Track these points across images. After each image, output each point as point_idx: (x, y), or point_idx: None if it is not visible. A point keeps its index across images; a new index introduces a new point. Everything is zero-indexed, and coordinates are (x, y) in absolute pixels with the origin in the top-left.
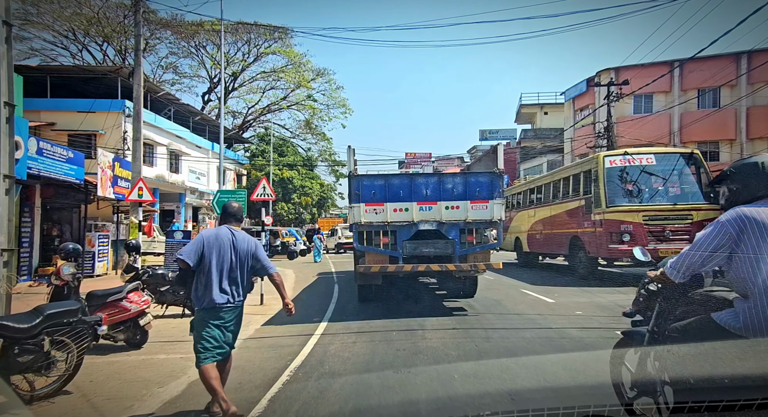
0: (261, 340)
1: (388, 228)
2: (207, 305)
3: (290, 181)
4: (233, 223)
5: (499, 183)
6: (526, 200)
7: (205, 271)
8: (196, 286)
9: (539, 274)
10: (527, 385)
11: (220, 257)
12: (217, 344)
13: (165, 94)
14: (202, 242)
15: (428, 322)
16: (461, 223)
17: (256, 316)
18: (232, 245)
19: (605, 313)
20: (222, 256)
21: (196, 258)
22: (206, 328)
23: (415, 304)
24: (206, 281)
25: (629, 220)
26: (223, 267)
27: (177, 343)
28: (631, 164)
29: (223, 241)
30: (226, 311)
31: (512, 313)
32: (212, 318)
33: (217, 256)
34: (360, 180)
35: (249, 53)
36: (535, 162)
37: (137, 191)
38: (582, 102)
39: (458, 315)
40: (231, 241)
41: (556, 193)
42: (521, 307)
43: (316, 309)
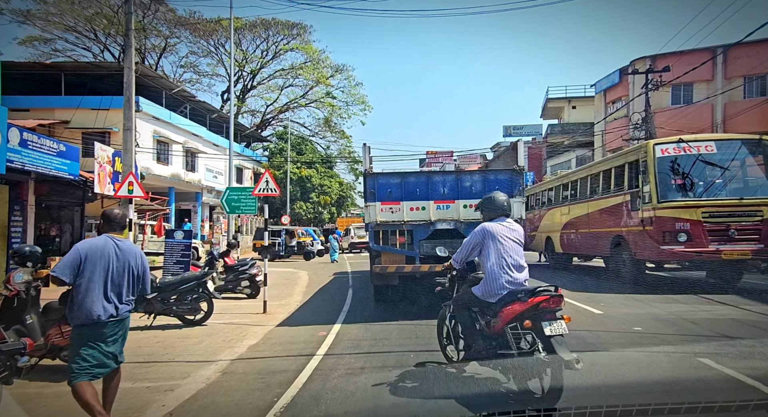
0: (251, 363)
1: (404, 227)
2: (86, 321)
3: (309, 179)
4: (116, 232)
5: (519, 181)
6: (559, 197)
7: (84, 285)
8: (71, 301)
9: (575, 278)
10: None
11: (101, 270)
12: (96, 362)
13: (180, 90)
14: (79, 256)
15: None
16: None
17: (255, 327)
18: (115, 256)
19: (671, 329)
20: (104, 268)
21: (72, 273)
22: (84, 347)
23: (434, 310)
24: (84, 296)
25: (686, 218)
26: (107, 279)
27: (153, 365)
28: (687, 153)
29: (104, 252)
30: (109, 326)
31: None
32: (92, 335)
33: (99, 268)
34: (376, 178)
35: (267, 50)
36: (562, 158)
37: (127, 186)
38: (614, 94)
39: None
40: (114, 252)
41: (595, 188)
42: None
43: (324, 318)
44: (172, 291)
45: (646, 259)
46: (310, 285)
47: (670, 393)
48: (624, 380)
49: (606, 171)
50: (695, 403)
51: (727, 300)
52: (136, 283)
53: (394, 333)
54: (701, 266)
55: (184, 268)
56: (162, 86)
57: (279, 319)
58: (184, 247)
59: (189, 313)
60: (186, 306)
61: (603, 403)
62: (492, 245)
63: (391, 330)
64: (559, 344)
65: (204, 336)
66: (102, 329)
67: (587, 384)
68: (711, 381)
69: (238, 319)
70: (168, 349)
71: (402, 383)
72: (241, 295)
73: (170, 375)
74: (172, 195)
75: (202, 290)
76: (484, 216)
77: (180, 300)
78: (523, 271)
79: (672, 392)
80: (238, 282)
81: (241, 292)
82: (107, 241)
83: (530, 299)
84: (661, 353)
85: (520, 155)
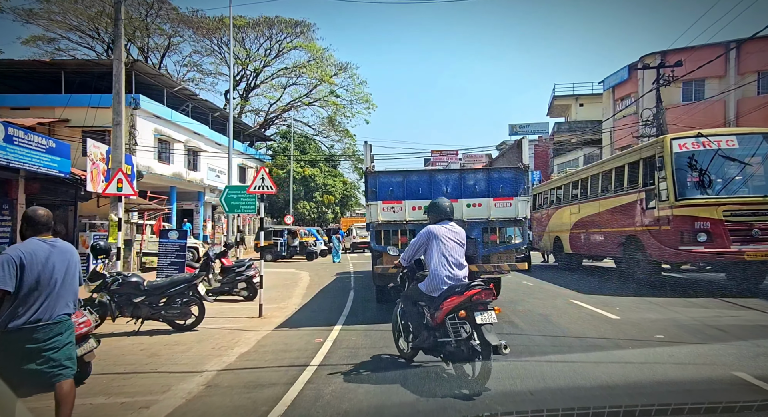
0: (238, 375)
1: (406, 227)
2: (24, 324)
3: (312, 179)
4: (44, 233)
5: (523, 179)
6: (568, 195)
7: (24, 290)
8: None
9: (586, 280)
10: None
11: (39, 273)
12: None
13: (182, 88)
14: (14, 262)
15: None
16: (483, 222)
17: (248, 333)
18: (51, 257)
19: (696, 337)
20: (42, 271)
21: (14, 282)
22: (16, 355)
23: None
24: (23, 301)
25: (706, 217)
26: (48, 282)
27: (132, 377)
28: (707, 148)
29: (39, 255)
30: (45, 330)
31: (569, 335)
32: (28, 340)
33: (37, 272)
34: (377, 177)
35: (271, 49)
36: (570, 156)
37: (116, 184)
38: (623, 91)
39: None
40: (49, 253)
41: (607, 185)
42: (579, 327)
43: (323, 321)
44: (161, 294)
45: (662, 260)
46: (311, 286)
47: (673, 393)
48: (628, 381)
49: (619, 168)
50: (698, 403)
51: (751, 304)
52: (72, 281)
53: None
54: (720, 267)
55: (178, 270)
56: (163, 84)
57: (275, 323)
58: (178, 248)
59: (179, 318)
60: (175, 310)
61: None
62: (435, 245)
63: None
64: (488, 331)
65: (193, 342)
66: (34, 334)
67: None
68: (721, 382)
69: (232, 323)
70: (152, 358)
71: (401, 400)
72: (238, 298)
73: (149, 388)
74: (173, 194)
75: (193, 293)
76: (429, 219)
77: (169, 304)
78: (463, 268)
79: (677, 393)
80: (235, 284)
81: (237, 294)
82: (39, 243)
83: (465, 292)
84: (691, 365)
85: (525, 153)
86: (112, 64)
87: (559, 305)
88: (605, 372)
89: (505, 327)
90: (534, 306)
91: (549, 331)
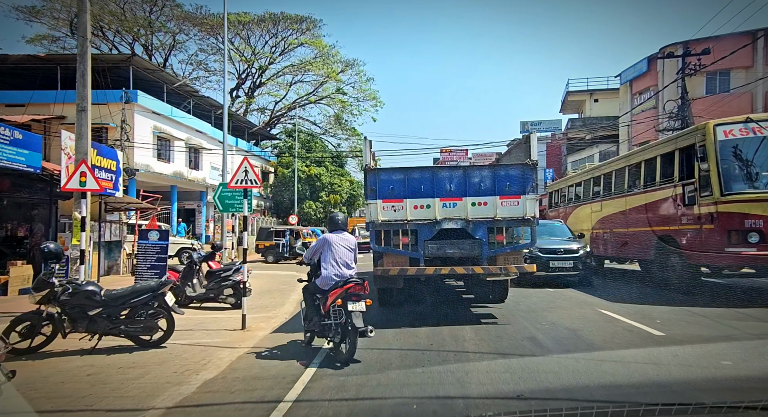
0: (189, 415)
1: (407, 227)
2: None
3: (318, 178)
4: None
5: (531, 176)
6: (588, 192)
7: None
8: None
9: (613, 286)
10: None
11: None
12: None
13: (182, 84)
14: None
15: (473, 377)
16: (489, 221)
17: (223, 351)
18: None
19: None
20: None
21: None
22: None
23: (444, 319)
24: None
25: (758, 214)
26: None
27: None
28: (757, 134)
29: None
30: None
31: (609, 359)
32: None
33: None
34: (377, 174)
35: (276, 46)
36: (584, 153)
37: (78, 177)
38: (641, 84)
39: (516, 357)
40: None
41: (634, 180)
42: (617, 346)
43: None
44: (122, 306)
45: (703, 264)
46: None
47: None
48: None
49: (649, 160)
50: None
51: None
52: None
53: (395, 361)
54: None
55: (159, 274)
56: (163, 80)
57: (258, 337)
58: (159, 250)
59: (144, 333)
60: (138, 324)
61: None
62: (328, 249)
63: (391, 358)
64: (357, 317)
65: (154, 364)
66: None
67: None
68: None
69: (208, 337)
70: (95, 388)
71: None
72: (225, 305)
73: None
74: (174, 194)
75: (159, 304)
76: (327, 228)
77: (132, 317)
78: (351, 268)
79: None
80: (221, 290)
81: (224, 301)
82: None
83: (344, 286)
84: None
85: (534, 149)
86: (110, 58)
87: (588, 316)
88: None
89: (525, 345)
90: (559, 317)
91: (581, 352)
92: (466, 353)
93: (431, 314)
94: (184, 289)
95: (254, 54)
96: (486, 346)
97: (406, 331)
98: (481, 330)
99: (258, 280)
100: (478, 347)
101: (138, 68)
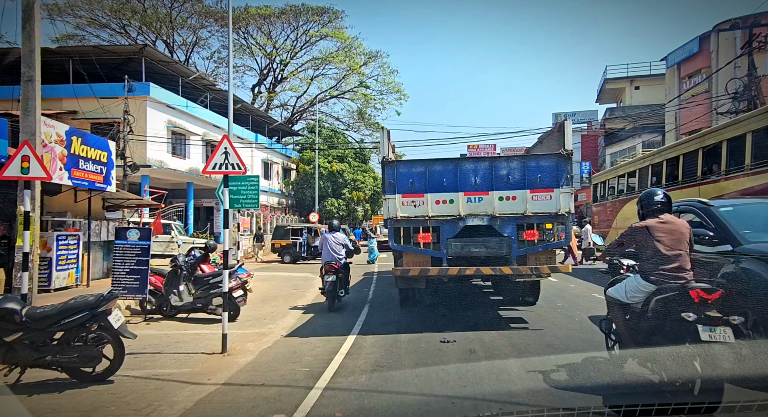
0: None
1: (429, 223)
2: None
3: (341, 174)
4: None
5: (566, 167)
6: (646, 181)
7: None
8: None
9: None
10: None
11: None
12: None
13: (198, 77)
14: None
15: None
16: (519, 217)
17: (184, 389)
18: None
19: None
20: None
21: None
22: None
23: (470, 324)
24: None
25: None
26: None
27: None
28: None
29: None
30: None
31: None
32: None
33: None
34: (395, 167)
35: (297, 39)
36: (625, 144)
37: (20, 162)
38: (691, 66)
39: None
40: None
41: (713, 164)
42: None
43: (306, 365)
44: (49, 329)
45: None
46: (320, 297)
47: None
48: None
49: (736, 138)
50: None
51: None
52: None
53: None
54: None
55: (140, 280)
56: (178, 72)
57: (237, 365)
58: (139, 252)
59: (84, 364)
60: (72, 353)
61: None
62: (325, 243)
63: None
64: (332, 283)
65: (78, 414)
66: None
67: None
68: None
69: (175, 365)
70: None
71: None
72: (216, 317)
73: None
74: (191, 191)
75: (99, 326)
76: (327, 229)
77: (68, 343)
78: (339, 254)
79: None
80: (209, 299)
81: (213, 312)
82: None
83: (325, 265)
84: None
85: (568, 137)
86: (122, 51)
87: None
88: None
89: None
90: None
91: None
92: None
93: (455, 318)
94: (169, 297)
95: (276, 48)
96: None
97: (429, 338)
98: (514, 338)
99: (265, 284)
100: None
101: (151, 60)
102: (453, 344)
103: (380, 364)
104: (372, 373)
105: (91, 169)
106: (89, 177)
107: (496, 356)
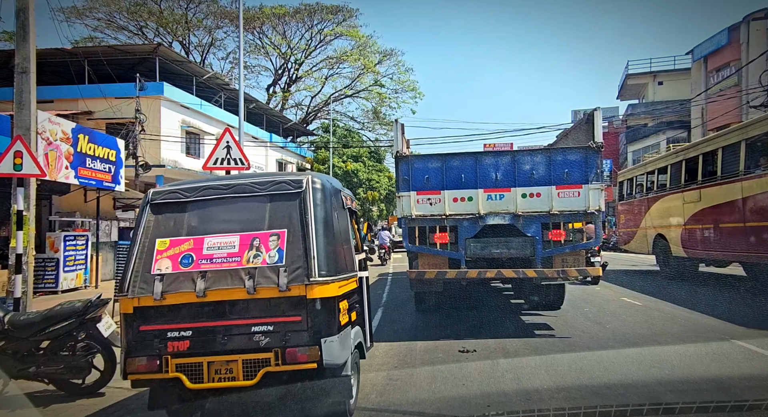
0: None
1: (446, 222)
2: None
3: (355, 174)
4: None
5: (595, 161)
6: (677, 179)
7: None
8: None
9: (734, 299)
10: None
11: None
12: None
13: (212, 77)
14: None
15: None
16: (544, 216)
17: None
18: None
19: None
20: None
21: None
22: None
23: (490, 331)
24: None
25: None
26: None
27: None
28: None
29: None
30: None
31: None
32: None
33: None
34: (410, 162)
35: (312, 39)
36: (648, 141)
37: (12, 158)
38: (719, 60)
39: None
40: None
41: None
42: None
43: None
44: (34, 337)
45: None
46: None
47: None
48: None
49: None
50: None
51: None
52: None
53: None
54: None
55: None
56: (191, 72)
57: None
58: None
59: (72, 375)
60: (58, 363)
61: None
62: None
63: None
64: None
65: None
66: None
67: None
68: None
69: None
70: None
71: None
72: None
73: None
74: None
75: (88, 335)
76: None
77: (51, 353)
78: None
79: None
80: None
81: None
82: None
83: None
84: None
85: (598, 129)
86: (137, 50)
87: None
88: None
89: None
90: (682, 355)
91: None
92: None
93: (474, 323)
94: None
95: (290, 48)
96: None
97: (447, 347)
98: (540, 348)
99: None
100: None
101: (166, 60)
102: (473, 354)
103: (393, 379)
104: (384, 388)
105: (99, 168)
106: (97, 176)
107: (522, 371)
